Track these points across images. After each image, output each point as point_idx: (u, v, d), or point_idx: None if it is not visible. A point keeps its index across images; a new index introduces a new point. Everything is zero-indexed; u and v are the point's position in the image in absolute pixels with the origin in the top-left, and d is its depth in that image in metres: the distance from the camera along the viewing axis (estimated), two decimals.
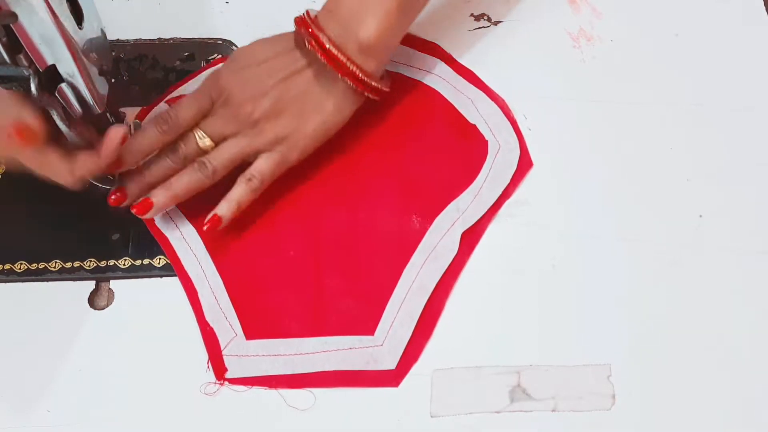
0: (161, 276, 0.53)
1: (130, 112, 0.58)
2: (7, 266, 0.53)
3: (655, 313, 0.51)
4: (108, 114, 0.51)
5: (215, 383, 0.49)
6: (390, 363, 0.49)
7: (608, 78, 0.59)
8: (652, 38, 0.61)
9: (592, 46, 0.61)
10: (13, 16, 0.41)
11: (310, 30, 0.50)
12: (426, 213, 0.54)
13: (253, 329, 0.50)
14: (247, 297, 0.51)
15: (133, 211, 0.51)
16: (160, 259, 0.53)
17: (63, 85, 0.46)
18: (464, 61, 0.60)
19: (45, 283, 0.52)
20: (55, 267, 0.53)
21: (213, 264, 0.52)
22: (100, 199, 0.54)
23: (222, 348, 0.50)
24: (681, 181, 0.55)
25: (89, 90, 0.47)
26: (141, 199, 0.51)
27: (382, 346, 0.49)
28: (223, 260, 0.52)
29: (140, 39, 0.61)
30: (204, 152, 0.51)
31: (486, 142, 0.56)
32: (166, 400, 0.49)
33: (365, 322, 0.50)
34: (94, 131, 0.49)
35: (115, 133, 0.47)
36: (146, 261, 0.53)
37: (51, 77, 0.46)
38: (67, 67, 0.45)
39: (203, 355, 0.50)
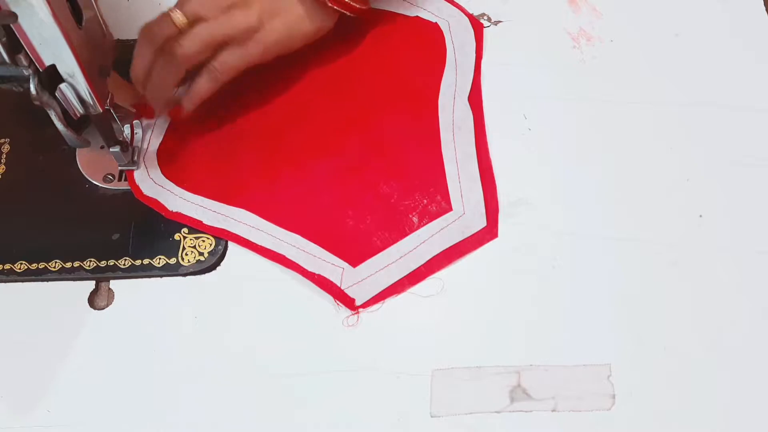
0: (161, 276, 0.53)
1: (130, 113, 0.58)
2: (7, 266, 0.53)
3: (655, 313, 0.51)
4: (108, 114, 0.51)
5: (352, 315, 0.51)
6: (480, 222, 0.53)
7: (608, 78, 0.59)
8: (652, 38, 0.61)
9: (592, 46, 0.61)
10: (13, 16, 0.41)
11: None
12: (425, 105, 0.58)
13: (352, 256, 0.52)
14: (326, 233, 0.53)
15: (144, 116, 0.57)
16: (160, 259, 0.53)
17: (63, 85, 0.46)
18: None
19: (45, 283, 0.52)
20: (55, 267, 0.53)
21: (278, 227, 0.54)
22: (100, 199, 0.54)
23: (340, 285, 0.51)
24: (681, 181, 0.55)
25: (89, 90, 0.47)
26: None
27: (465, 215, 0.53)
28: (284, 218, 0.54)
29: None
30: (178, 30, 0.52)
31: (435, 24, 0.61)
32: (166, 399, 0.49)
33: (439, 204, 0.54)
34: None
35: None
36: (146, 261, 0.53)
37: (51, 77, 0.46)
38: (67, 67, 0.45)
39: (203, 354, 0.50)
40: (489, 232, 0.53)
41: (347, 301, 0.51)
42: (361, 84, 0.59)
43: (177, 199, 0.55)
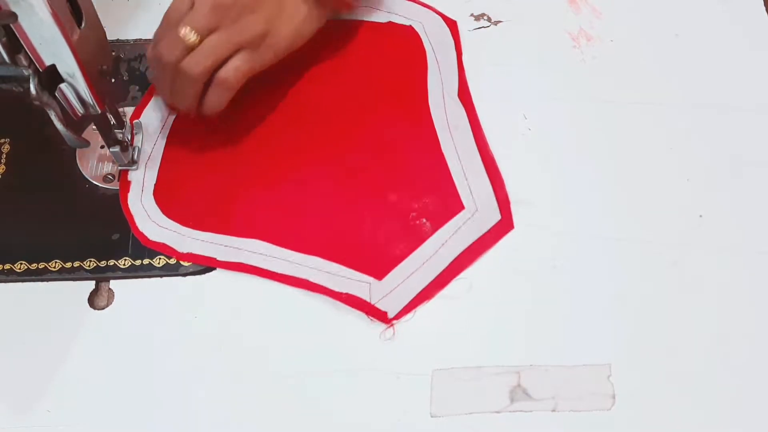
0: (161, 276, 0.53)
1: (130, 112, 0.58)
2: (7, 266, 0.53)
3: (655, 313, 0.51)
4: (108, 114, 0.51)
5: (387, 328, 0.50)
6: (494, 216, 0.54)
7: (608, 78, 0.59)
8: (652, 38, 0.61)
9: (592, 46, 0.61)
10: (13, 16, 0.41)
11: None
12: (417, 109, 0.58)
13: (376, 270, 0.52)
14: (345, 251, 0.53)
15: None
16: (160, 259, 0.53)
17: (63, 85, 0.46)
18: (464, 60, 0.60)
19: (45, 283, 0.52)
20: (55, 267, 0.53)
21: (295, 252, 0.53)
22: (100, 199, 0.54)
23: (369, 300, 0.51)
24: (681, 181, 0.55)
25: (89, 90, 0.47)
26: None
27: (478, 211, 0.54)
28: (299, 241, 0.53)
29: (140, 39, 0.62)
30: (191, 48, 0.51)
31: (410, 27, 0.62)
32: (166, 400, 0.49)
33: (450, 205, 0.54)
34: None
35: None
36: (146, 261, 0.53)
37: (51, 77, 0.46)
38: (67, 67, 0.45)
39: (203, 354, 0.50)
40: (505, 224, 0.53)
41: (380, 315, 0.50)
42: (349, 96, 0.59)
43: (185, 240, 0.53)
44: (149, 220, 0.54)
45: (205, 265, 0.53)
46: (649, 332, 0.50)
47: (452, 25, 0.61)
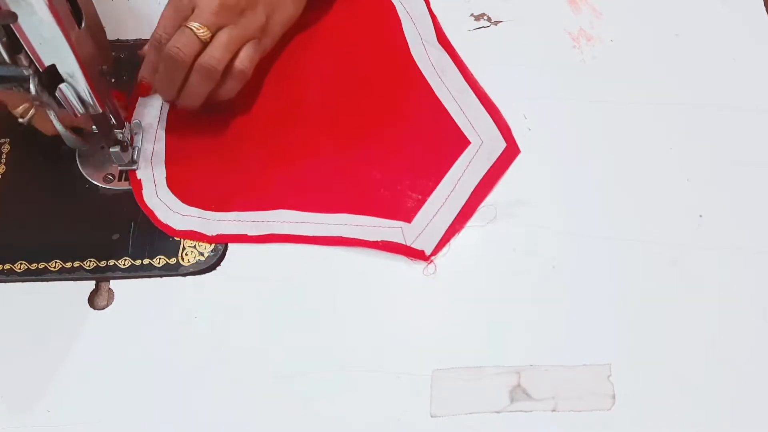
0: (161, 276, 0.53)
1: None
2: (7, 266, 0.53)
3: (655, 313, 0.51)
4: (108, 114, 0.51)
5: (428, 265, 0.52)
6: (500, 144, 0.56)
7: (608, 78, 0.59)
8: (652, 38, 0.61)
9: (592, 46, 0.61)
10: (13, 16, 0.41)
11: None
12: (402, 61, 0.60)
13: (403, 214, 0.54)
14: (370, 202, 0.54)
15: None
16: (160, 259, 0.53)
17: (63, 85, 0.46)
18: (464, 60, 0.60)
19: (45, 283, 0.52)
20: (55, 267, 0.53)
21: (322, 214, 0.54)
22: (100, 199, 0.54)
23: (406, 242, 0.53)
24: (681, 181, 0.55)
25: (89, 90, 0.47)
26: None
27: (483, 143, 0.56)
28: (323, 203, 0.54)
29: (140, 39, 0.62)
30: (204, 44, 0.53)
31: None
32: (166, 399, 0.49)
33: (456, 141, 0.56)
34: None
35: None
36: (146, 261, 0.53)
37: (51, 77, 0.46)
38: (67, 67, 0.45)
39: (203, 354, 0.50)
40: (511, 150, 0.56)
41: (419, 255, 0.52)
42: (338, 62, 0.61)
43: (212, 223, 0.54)
44: (171, 211, 0.54)
45: (238, 243, 0.53)
46: (649, 332, 0.50)
47: (433, 18, 0.63)
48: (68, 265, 0.53)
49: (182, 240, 0.54)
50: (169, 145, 0.57)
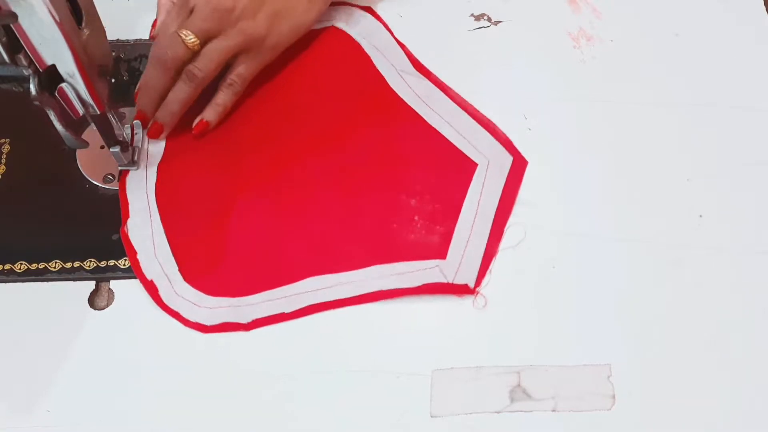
0: None
1: (130, 112, 0.58)
2: (7, 266, 0.53)
3: (655, 313, 0.51)
4: (108, 114, 0.51)
5: (476, 298, 0.51)
6: (507, 160, 0.55)
7: (608, 78, 0.59)
8: (652, 38, 0.61)
9: (592, 46, 0.61)
10: (13, 16, 0.41)
11: None
12: (383, 95, 0.58)
13: (436, 251, 0.52)
14: (398, 248, 0.52)
15: (148, 136, 0.55)
16: None
17: (63, 85, 0.46)
18: (464, 61, 0.60)
19: (45, 283, 0.52)
20: (55, 267, 0.53)
21: (354, 271, 0.51)
22: (100, 199, 0.54)
23: (447, 280, 0.51)
24: (681, 181, 0.55)
25: (89, 90, 0.47)
26: (150, 123, 0.55)
27: (491, 162, 0.55)
28: (352, 260, 0.52)
29: (140, 39, 0.62)
30: (193, 51, 0.52)
31: (331, 27, 0.61)
32: (166, 400, 0.49)
33: (463, 167, 0.55)
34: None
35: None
36: None
37: (51, 77, 0.46)
38: (67, 67, 0.45)
39: (201, 352, 0.50)
40: (519, 162, 0.55)
41: (464, 290, 0.51)
42: (317, 112, 0.58)
43: (244, 309, 0.50)
44: (197, 307, 0.51)
45: (278, 323, 0.50)
46: (649, 332, 0.50)
47: (368, 9, 0.62)
48: (68, 265, 0.53)
49: None
50: (170, 238, 0.53)
